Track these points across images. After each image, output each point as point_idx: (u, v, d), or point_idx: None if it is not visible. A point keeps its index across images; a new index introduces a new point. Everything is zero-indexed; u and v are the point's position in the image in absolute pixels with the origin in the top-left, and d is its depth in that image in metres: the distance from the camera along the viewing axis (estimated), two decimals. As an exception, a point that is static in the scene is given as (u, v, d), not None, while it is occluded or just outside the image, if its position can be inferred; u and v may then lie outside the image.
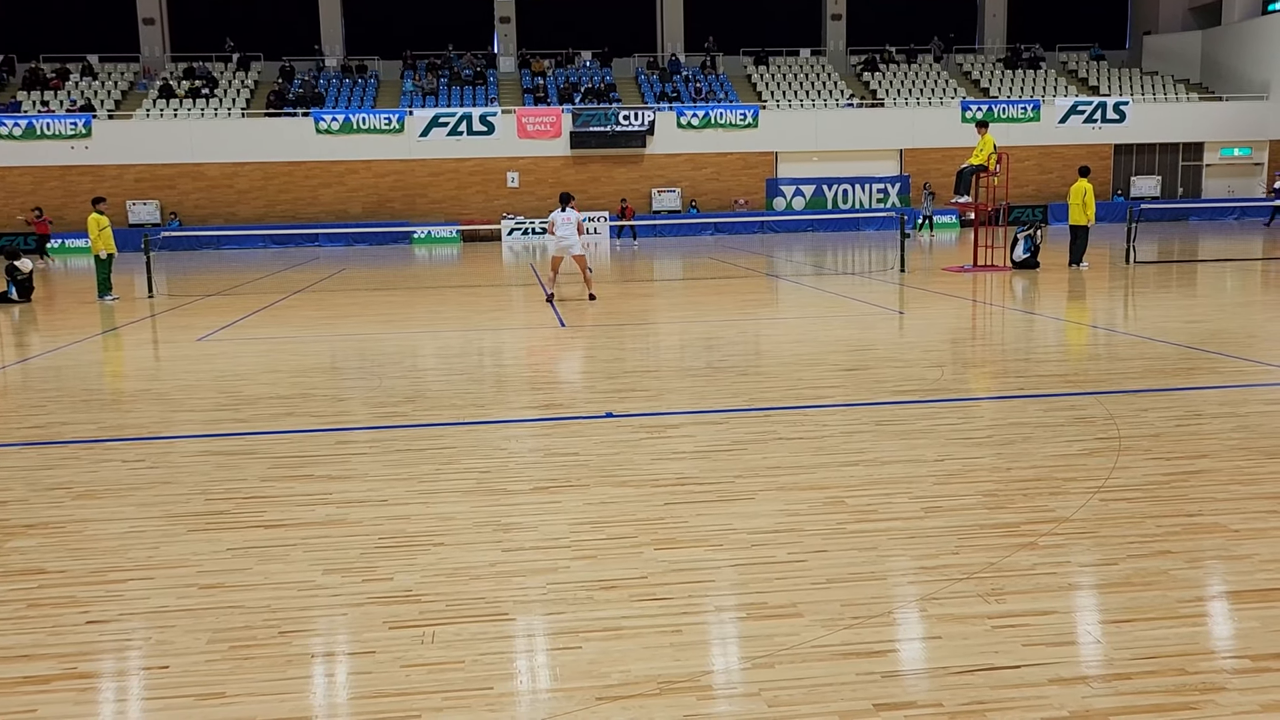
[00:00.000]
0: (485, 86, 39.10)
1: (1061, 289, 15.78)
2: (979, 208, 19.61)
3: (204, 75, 38.38)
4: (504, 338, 12.62)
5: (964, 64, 42.58)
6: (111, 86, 38.10)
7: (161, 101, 36.72)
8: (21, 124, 34.34)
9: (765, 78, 40.62)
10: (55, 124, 34.51)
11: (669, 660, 3.62)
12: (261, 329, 13.43)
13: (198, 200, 35.49)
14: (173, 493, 5.82)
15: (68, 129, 34.52)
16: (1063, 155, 37.49)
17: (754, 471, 5.96)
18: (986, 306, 14.14)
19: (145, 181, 35.15)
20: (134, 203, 34.78)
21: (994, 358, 10.16)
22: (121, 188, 34.73)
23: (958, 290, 15.80)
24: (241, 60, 39.89)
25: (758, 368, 9.83)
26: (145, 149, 35.00)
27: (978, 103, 37.86)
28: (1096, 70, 41.84)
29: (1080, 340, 11.05)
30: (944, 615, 3.93)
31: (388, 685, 3.48)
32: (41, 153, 34.39)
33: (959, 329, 12.22)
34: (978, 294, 15.45)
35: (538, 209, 36.03)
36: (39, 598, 4.30)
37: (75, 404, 8.66)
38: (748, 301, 15.59)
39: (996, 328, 12.33)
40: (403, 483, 5.93)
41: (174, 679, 3.55)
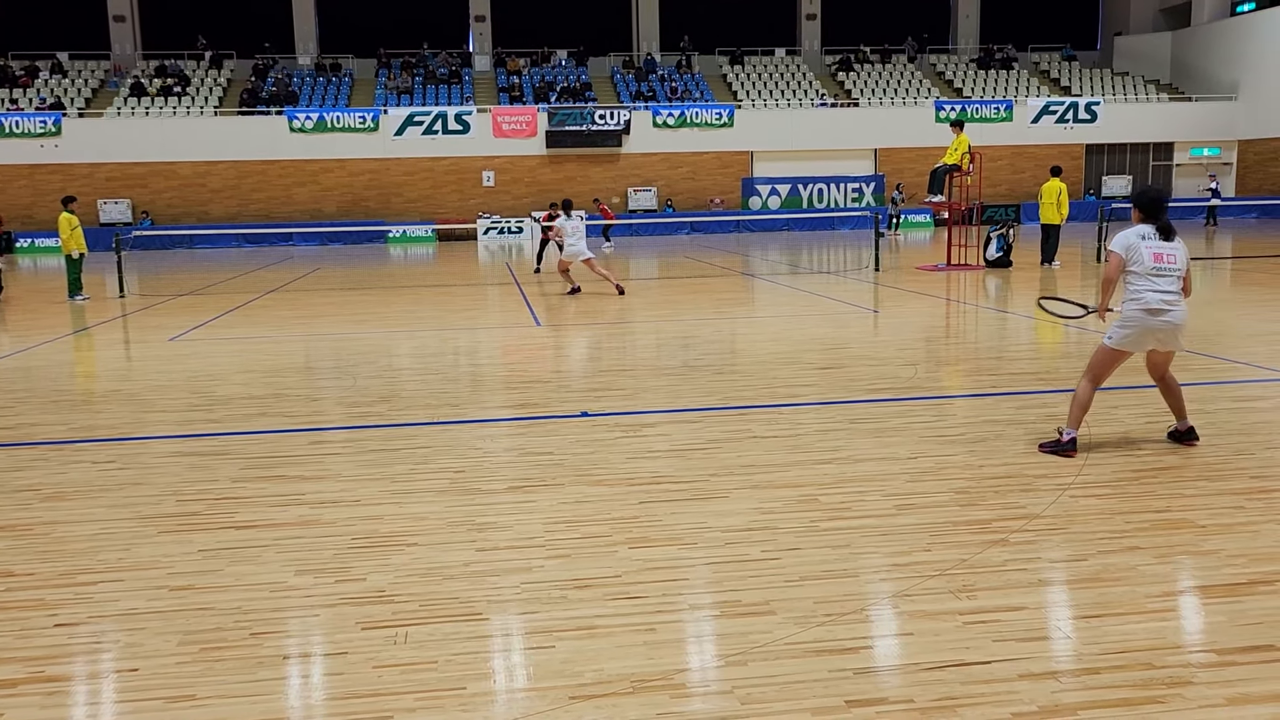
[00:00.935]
0: (460, 85, 38.97)
1: (1034, 287, 15.90)
2: (952, 207, 19.73)
3: (176, 73, 38.04)
4: (479, 337, 12.58)
5: (938, 64, 42.82)
6: (82, 84, 37.70)
7: (133, 100, 36.37)
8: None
9: (741, 77, 40.70)
10: (24, 122, 34.10)
11: (642, 659, 3.62)
12: (235, 329, 13.33)
13: (170, 199, 35.18)
14: (144, 494, 5.77)
15: (37, 127, 34.11)
16: (1035, 155, 37.77)
17: (728, 470, 5.98)
18: (960, 305, 14.23)
19: (116, 180, 34.80)
20: (105, 201, 34.42)
21: (967, 356, 10.23)
22: (92, 186, 34.37)
23: (931, 289, 15.89)
24: (214, 58, 39.56)
25: (733, 366, 9.85)
26: (116, 147, 34.64)
27: (951, 103, 38.08)
28: (1068, 71, 42.18)
29: (1052, 339, 11.14)
30: (916, 612, 3.96)
31: (360, 686, 3.47)
32: (10, 151, 33.97)
33: (933, 327, 12.30)
34: (951, 292, 15.54)
35: (513, 208, 35.95)
36: (6, 601, 4.26)
37: (45, 405, 8.57)
38: (724, 300, 15.63)
39: (970, 326, 12.42)
40: (377, 483, 5.90)
41: (144, 681, 3.52)
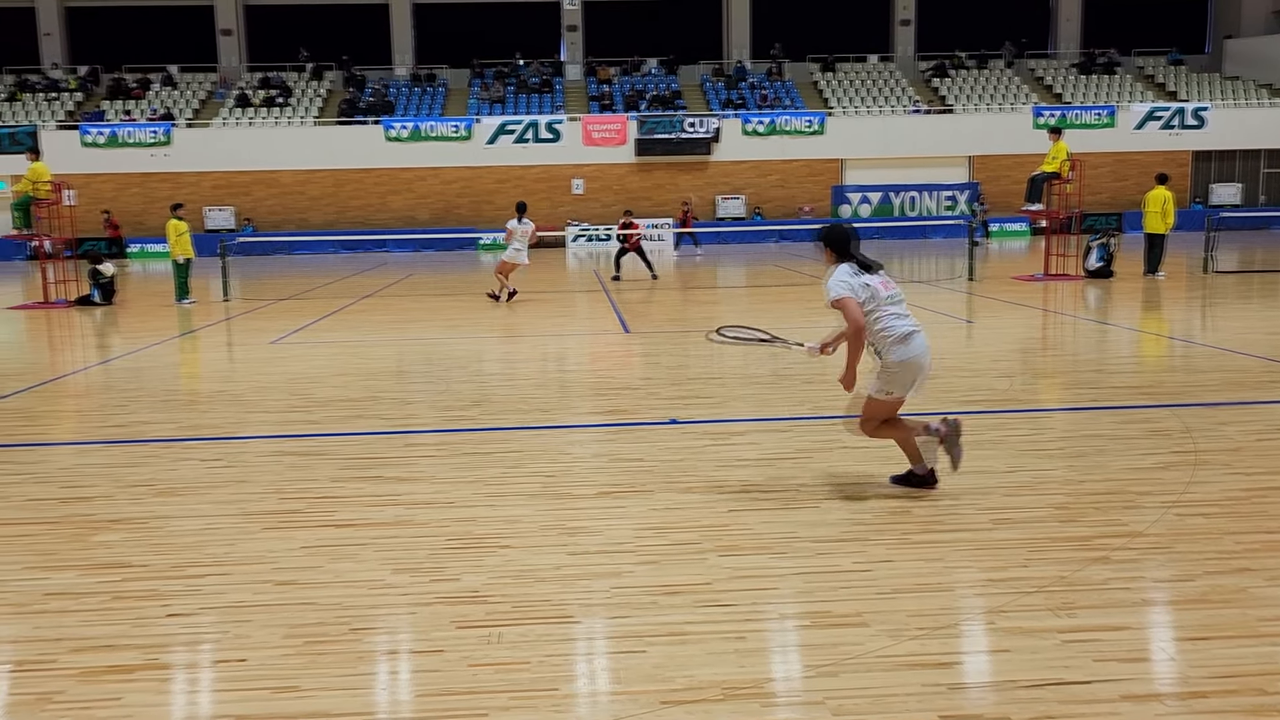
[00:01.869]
0: (552, 94, 39.41)
1: (1136, 299, 15.45)
2: (1051, 215, 19.28)
3: (279, 84, 39.23)
4: (568, 343, 12.70)
5: (1036, 69, 41.88)
6: (190, 96, 39.12)
7: (238, 110, 37.62)
8: (105, 132, 35.42)
9: (832, 84, 40.37)
10: (137, 132, 35.53)
11: (733, 666, 3.63)
12: (332, 333, 13.69)
13: (271, 206, 36.28)
14: (248, 491, 5.97)
15: (149, 137, 35.51)
16: (1139, 162, 36.64)
17: (819, 480, 5.94)
18: (1058, 316, 13.89)
19: (222, 188, 36.01)
20: (211, 209, 35.64)
21: (1066, 368, 9.99)
22: (199, 194, 35.61)
23: (1028, 299, 15.55)
24: (315, 70, 40.69)
25: (823, 376, 9.76)
26: (222, 156, 35.87)
27: (1050, 108, 37.21)
28: (1174, 75, 40.87)
29: (1156, 351, 10.81)
30: (1013, 628, 3.88)
31: (456, 684, 3.53)
32: (124, 160, 35.41)
33: (1029, 338, 12.03)
34: (1049, 303, 15.18)
35: (602, 216, 36.20)
36: (123, 590, 4.44)
37: (155, 404, 8.92)
38: (813, 309, 15.50)
39: (1068, 338, 12.11)
40: (469, 485, 6.01)
41: (251, 672, 3.65)
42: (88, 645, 3.89)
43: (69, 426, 8.33)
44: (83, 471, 6.55)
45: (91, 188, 34.98)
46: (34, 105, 37.97)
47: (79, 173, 33.26)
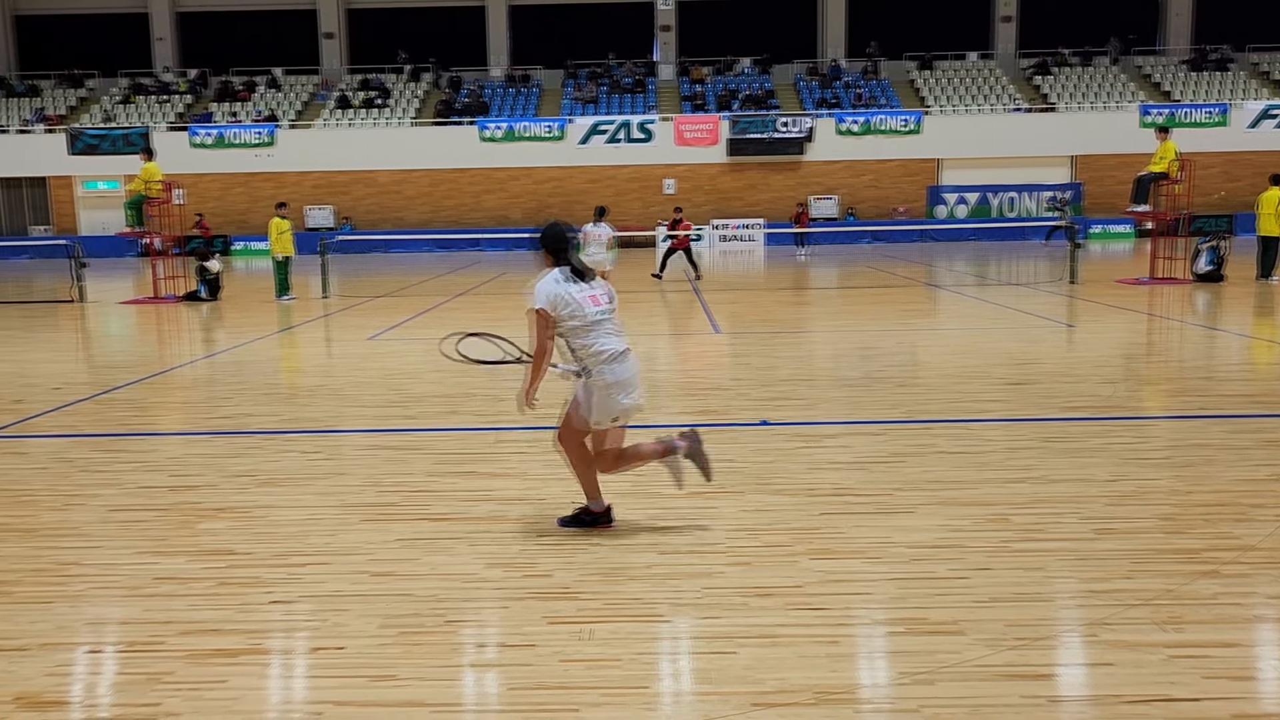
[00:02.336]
0: (644, 94, 39.54)
1: (1248, 304, 14.85)
2: (1158, 217, 18.65)
3: (378, 86, 40.11)
4: (658, 343, 12.72)
5: (1144, 66, 40.57)
6: (294, 98, 40.25)
7: (339, 111, 38.58)
8: (213, 133, 36.66)
9: (930, 82, 39.69)
10: (243, 133, 36.71)
11: (825, 670, 3.59)
12: (427, 329, 13.93)
13: (369, 206, 37.12)
14: (346, 484, 6.11)
15: (253, 138, 36.65)
16: (1253, 162, 35.18)
17: (913, 484, 5.84)
18: (1165, 321, 13.43)
19: (322, 187, 36.98)
20: (311, 208, 36.63)
21: (1173, 375, 9.65)
22: (300, 193, 36.62)
23: (1133, 303, 15.07)
24: (413, 71, 41.51)
25: (917, 379, 9.61)
26: (323, 157, 36.84)
27: (1158, 106, 36.03)
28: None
29: (1269, 358, 10.38)
30: (1116, 642, 3.76)
31: (548, 678, 3.57)
32: (230, 160, 36.62)
33: (1134, 344, 11.66)
34: (1155, 307, 14.69)
35: (693, 216, 36.12)
36: (228, 577, 4.59)
37: (258, 397, 9.19)
38: (906, 311, 15.27)
39: (1175, 343, 11.70)
40: (560, 482, 6.04)
41: (349, 660, 3.73)
42: (195, 629, 4.02)
43: (177, 418, 8.64)
44: (190, 461, 6.78)
45: (199, 187, 36.25)
46: (146, 107, 39.48)
47: (188, 173, 34.51)
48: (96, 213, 36.97)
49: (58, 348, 13.29)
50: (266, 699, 3.51)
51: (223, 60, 42.04)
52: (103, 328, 15.41)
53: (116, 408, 8.73)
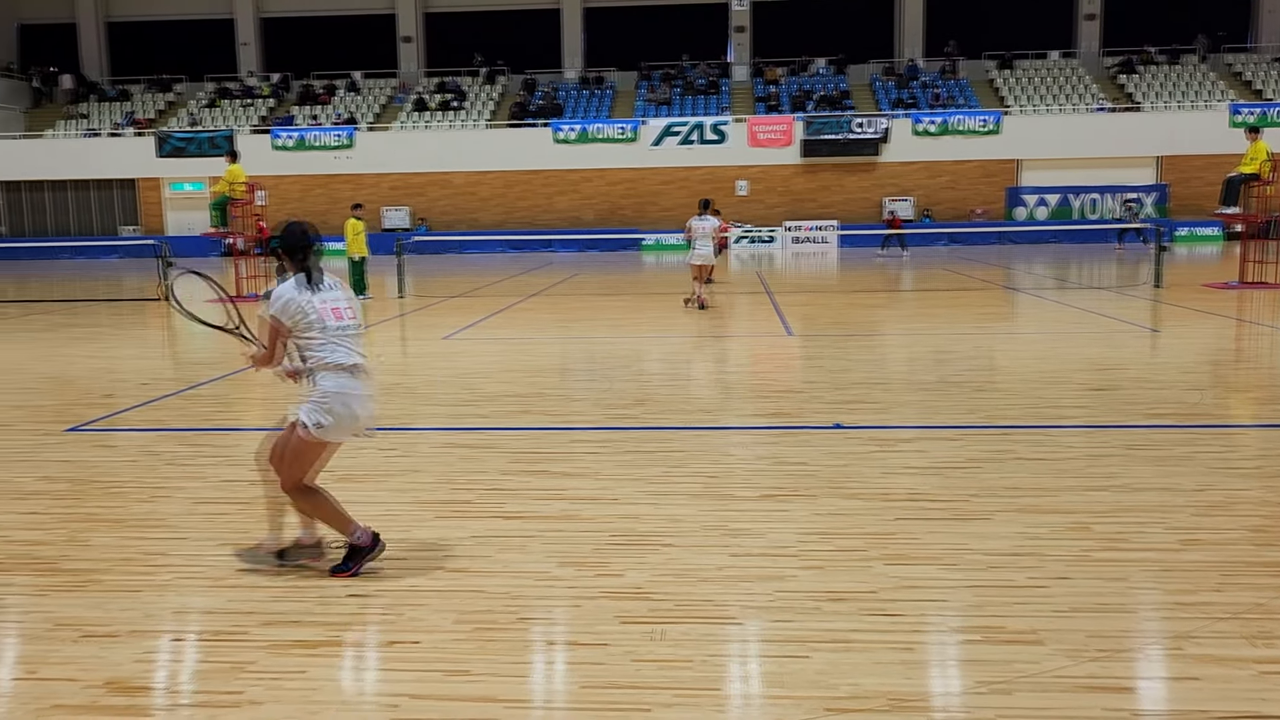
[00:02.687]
0: (718, 95, 39.46)
1: (1344, 309, 14.31)
2: (1248, 219, 18.07)
3: (454, 89, 40.63)
4: (731, 344, 12.68)
5: (1234, 64, 39.34)
6: (372, 100, 40.97)
7: (416, 114, 39.16)
8: (294, 136, 37.48)
9: (1010, 82, 38.97)
10: (323, 136, 37.47)
11: (900, 677, 3.54)
12: (500, 330, 14.08)
13: (444, 207, 37.61)
14: (422, 481, 6.20)
15: (333, 140, 37.39)
16: (1348, 162, 33.96)
17: (990, 491, 5.74)
18: (1255, 326, 13.00)
19: (399, 189, 37.58)
20: (388, 209, 37.25)
21: (1263, 382, 9.34)
22: (378, 194, 37.26)
23: (1221, 308, 14.62)
24: (488, 74, 41.97)
25: (994, 384, 9.44)
26: (400, 158, 37.43)
27: (1249, 106, 34.90)
28: (1392, 68, 37.72)
29: (1367, 366, 10.00)
30: (1203, 656, 3.65)
31: (620, 677, 3.58)
32: (310, 162, 37.40)
33: (1222, 350, 11.32)
34: (1244, 312, 14.23)
35: (766, 217, 36.02)
36: (308, 569, 4.68)
37: (336, 394, 9.35)
38: (984, 315, 15.01)
39: (1266, 350, 11.33)
40: (633, 483, 6.07)
41: (425, 654, 3.79)
42: (276, 619, 4.11)
43: (259, 414, 8.84)
44: (271, 456, 6.92)
45: (280, 189, 37.05)
46: (231, 111, 40.51)
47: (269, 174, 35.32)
48: (183, 213, 38.05)
49: (145, 344, 13.70)
50: (344, 690, 3.57)
51: (304, 64, 42.96)
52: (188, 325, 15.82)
53: (201, 403, 8.97)
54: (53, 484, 6.27)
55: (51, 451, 7.13)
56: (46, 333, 14.57)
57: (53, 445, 7.33)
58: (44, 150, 38.63)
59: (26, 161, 38.48)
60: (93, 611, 4.23)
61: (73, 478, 6.40)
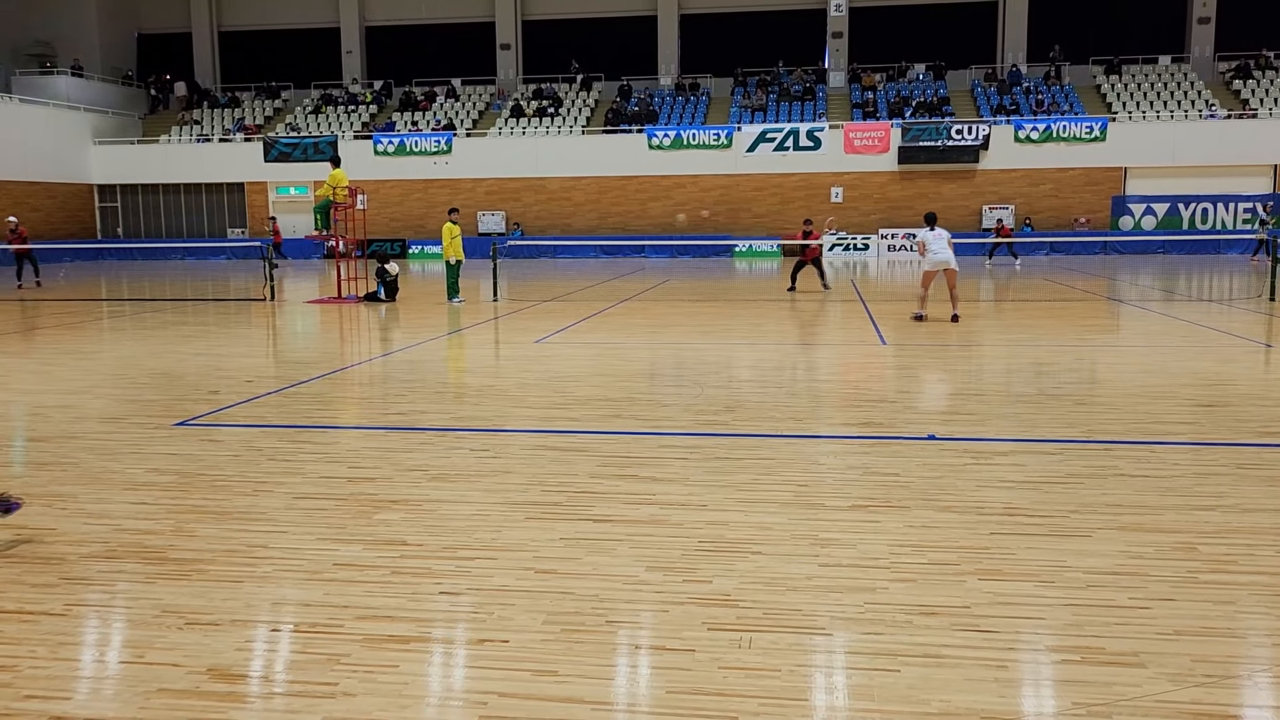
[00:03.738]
0: (814, 101, 39.15)
1: None
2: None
3: (550, 95, 41.09)
4: (822, 353, 12.56)
5: (1358, 68, 37.58)
6: (470, 107, 41.67)
7: (512, 120, 39.71)
8: (395, 142, 38.34)
9: (1116, 87, 37.85)
10: (422, 141, 38.24)
11: (993, 695, 3.46)
12: (591, 334, 14.17)
13: (538, 212, 38.04)
14: (512, 482, 6.27)
15: (432, 146, 38.13)
16: None
17: (1091, 508, 5.57)
18: (1377, 343, 12.39)
19: (495, 194, 38.14)
20: (484, 213, 37.83)
21: (1386, 401, 8.89)
22: (474, 200, 37.88)
23: (1340, 323, 13.96)
24: (584, 81, 42.34)
25: (1096, 397, 9.17)
26: (496, 164, 37.99)
27: (1374, 112, 33.28)
28: None
29: None
30: (1318, 686, 3.49)
31: (706, 684, 3.56)
32: (410, 168, 38.20)
33: (1341, 367, 10.81)
34: (1366, 328, 13.57)
35: (861, 225, 35.59)
36: (400, 566, 4.78)
37: (430, 395, 9.54)
38: (1086, 326, 14.59)
39: (1390, 367, 10.78)
40: (722, 489, 6.05)
41: (513, 653, 3.83)
42: (370, 614, 4.20)
43: (355, 412, 9.06)
44: (367, 454, 7.10)
45: (380, 193, 37.97)
46: (334, 117, 41.62)
47: (370, 179, 36.21)
48: (287, 216, 39.20)
49: (249, 343, 14.14)
50: (434, 685, 3.63)
51: (406, 72, 43.93)
52: (290, 325, 16.31)
53: (301, 401, 9.22)
54: (161, 476, 6.51)
55: (160, 445, 7.41)
56: (157, 330, 15.16)
57: (161, 439, 7.61)
58: (159, 155, 40.23)
59: (142, 166, 40.14)
60: (197, 600, 4.38)
61: (180, 470, 6.64)
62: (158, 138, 41.28)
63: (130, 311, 18.21)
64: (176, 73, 45.24)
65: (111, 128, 41.35)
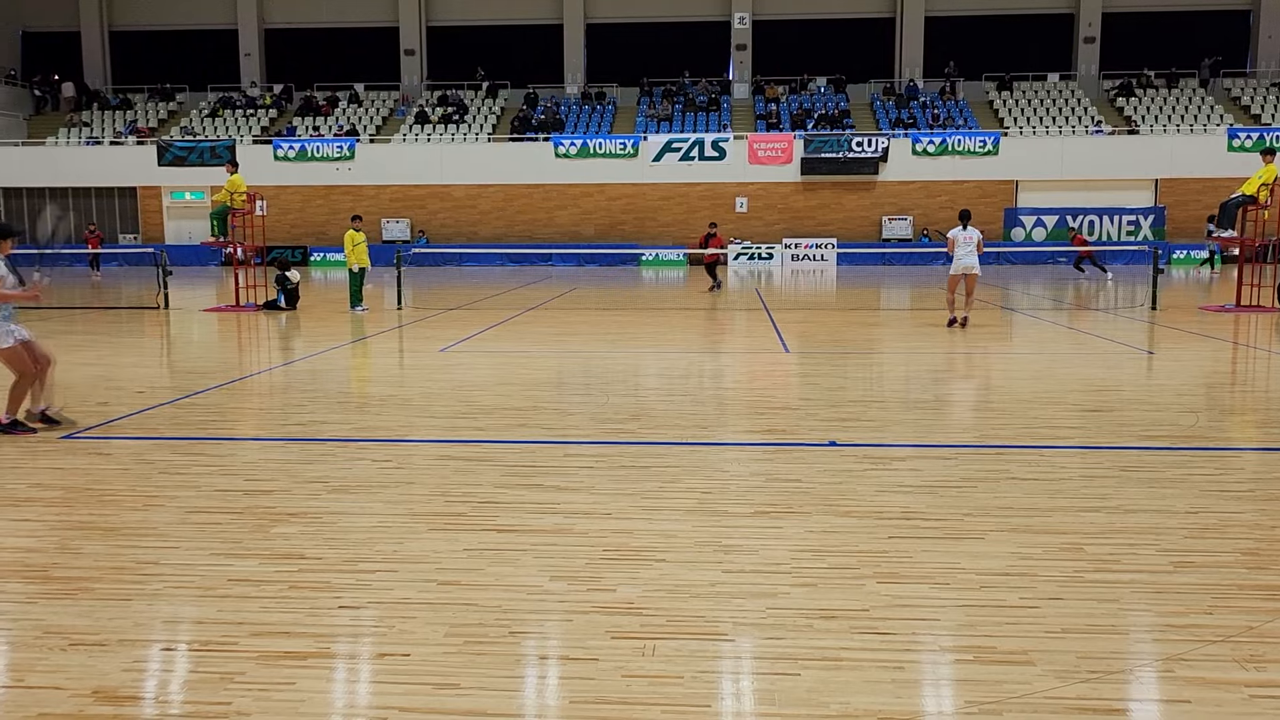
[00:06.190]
0: (719, 112, 39.60)
1: (1340, 334, 14.34)
2: (1244, 243, 18.12)
3: (455, 102, 40.75)
4: (726, 361, 12.69)
5: (1232, 89, 39.55)
6: (374, 113, 41.08)
7: (417, 127, 39.26)
8: (296, 147, 37.55)
9: (1009, 103, 39.15)
10: (324, 147, 37.53)
11: (890, 696, 3.54)
12: (497, 343, 14.08)
13: (444, 220, 37.66)
14: (416, 493, 6.19)
15: (334, 151, 37.46)
16: (1345, 188, 34.08)
17: (984, 510, 5.74)
18: (1251, 350, 13.03)
19: (399, 201, 37.63)
20: (388, 221, 37.29)
21: (1258, 405, 9.35)
22: (378, 206, 37.32)
23: (1217, 331, 14.65)
24: (490, 88, 42.10)
25: (989, 403, 9.45)
26: (400, 171, 37.51)
27: (1247, 130, 35.05)
28: (1390, 95, 37.90)
29: (1361, 391, 10.00)
30: (1193, 679, 3.65)
31: (610, 693, 3.57)
32: (311, 173, 37.46)
33: (1217, 373, 11.34)
34: (1240, 336, 14.27)
35: (764, 234, 36.10)
36: (298, 580, 4.67)
37: (331, 405, 9.36)
38: (980, 334, 15.02)
39: (1262, 373, 11.35)
40: (627, 498, 6.07)
41: (414, 666, 3.78)
42: (266, 630, 4.10)
43: (253, 423, 8.83)
44: (264, 466, 6.93)
45: (281, 199, 37.15)
46: (233, 121, 40.60)
47: (270, 185, 35.41)
48: (182, 222, 38.09)
49: (142, 352, 13.69)
50: (333, 702, 3.56)
51: (306, 75, 43.09)
52: (185, 334, 15.83)
53: (196, 412, 8.96)
54: (45, 491, 6.26)
55: (45, 459, 7.13)
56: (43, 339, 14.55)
57: (46, 453, 7.32)
58: (46, 158, 38.68)
59: (28, 169, 38.53)
60: (82, 620, 4.22)
61: (65, 485, 6.39)
62: (44, 140, 39.71)
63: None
64: (64, 73, 43.59)
65: (-7, 128, 39.67)
